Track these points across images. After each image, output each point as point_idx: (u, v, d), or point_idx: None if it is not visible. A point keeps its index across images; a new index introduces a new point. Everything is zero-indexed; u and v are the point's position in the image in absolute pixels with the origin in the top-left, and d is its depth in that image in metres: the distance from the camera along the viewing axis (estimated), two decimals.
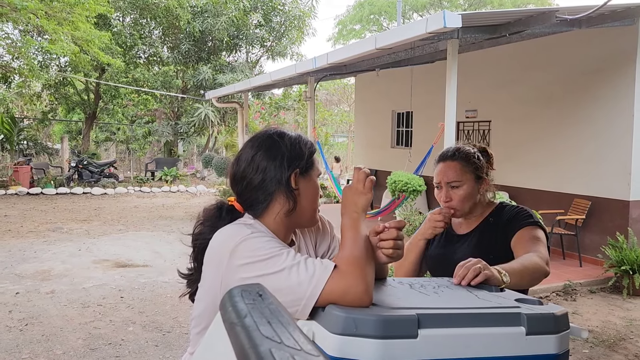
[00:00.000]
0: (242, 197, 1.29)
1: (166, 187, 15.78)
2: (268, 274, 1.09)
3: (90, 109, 18.21)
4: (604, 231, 6.55)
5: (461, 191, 1.82)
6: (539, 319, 1.08)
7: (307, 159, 1.29)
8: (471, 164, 1.83)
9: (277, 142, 1.27)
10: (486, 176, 1.87)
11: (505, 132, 8.12)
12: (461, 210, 1.85)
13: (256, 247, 1.13)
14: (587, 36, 6.67)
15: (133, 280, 6.11)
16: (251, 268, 1.10)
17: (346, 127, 22.94)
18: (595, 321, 4.97)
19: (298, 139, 1.31)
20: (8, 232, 8.90)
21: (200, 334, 1.21)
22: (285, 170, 1.25)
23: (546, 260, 1.65)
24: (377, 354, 0.98)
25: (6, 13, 11.43)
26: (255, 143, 1.29)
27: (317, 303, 1.07)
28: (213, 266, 1.18)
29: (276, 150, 1.26)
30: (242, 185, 1.27)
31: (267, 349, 0.62)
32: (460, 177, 1.82)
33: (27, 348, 4.14)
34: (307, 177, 1.29)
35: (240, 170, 1.28)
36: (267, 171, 1.25)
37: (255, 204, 1.27)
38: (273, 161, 1.25)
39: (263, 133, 1.32)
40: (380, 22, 26.59)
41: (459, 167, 1.83)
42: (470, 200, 1.84)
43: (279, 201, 1.25)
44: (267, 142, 1.28)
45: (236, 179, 1.29)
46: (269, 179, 1.25)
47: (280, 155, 1.26)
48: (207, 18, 16.58)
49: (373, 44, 5.79)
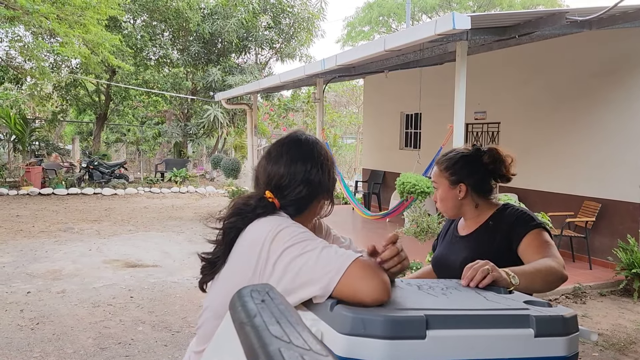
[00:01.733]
0: (284, 199, 1.34)
1: (176, 187, 15.85)
2: (304, 252, 1.14)
3: (100, 110, 18.34)
4: (614, 234, 6.50)
5: (437, 193, 1.94)
6: (548, 321, 1.08)
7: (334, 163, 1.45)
8: (446, 169, 1.90)
9: (319, 150, 1.39)
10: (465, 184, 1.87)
11: (515, 133, 8.08)
12: (444, 211, 1.95)
13: (296, 232, 1.19)
14: (597, 38, 6.62)
15: (143, 280, 6.15)
16: (290, 250, 1.15)
17: (355, 129, 22.91)
18: (605, 324, 4.93)
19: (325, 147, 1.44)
20: (20, 232, 8.99)
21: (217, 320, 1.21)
22: (331, 182, 1.39)
23: (562, 264, 1.64)
24: (385, 354, 0.98)
25: (18, 16, 11.55)
26: (298, 153, 1.37)
27: (340, 283, 1.09)
28: (250, 255, 1.20)
29: (319, 158, 1.38)
30: (287, 190, 1.34)
31: (277, 348, 0.63)
32: (437, 180, 1.94)
33: (38, 347, 4.18)
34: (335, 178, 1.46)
35: (288, 177, 1.34)
36: (318, 184, 1.35)
37: (295, 206, 1.35)
38: (323, 174, 1.37)
39: (302, 142, 1.40)
40: (389, 24, 26.54)
41: (437, 171, 1.94)
42: (448, 204, 1.92)
43: (317, 206, 1.39)
44: (310, 150, 1.38)
45: (281, 184, 1.34)
46: (319, 190, 1.36)
47: (325, 167, 1.38)
48: (217, 20, 16.64)
49: (382, 46, 5.78)
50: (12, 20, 11.91)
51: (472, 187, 1.88)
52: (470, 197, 1.89)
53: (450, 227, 2.05)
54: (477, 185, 1.89)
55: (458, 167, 1.88)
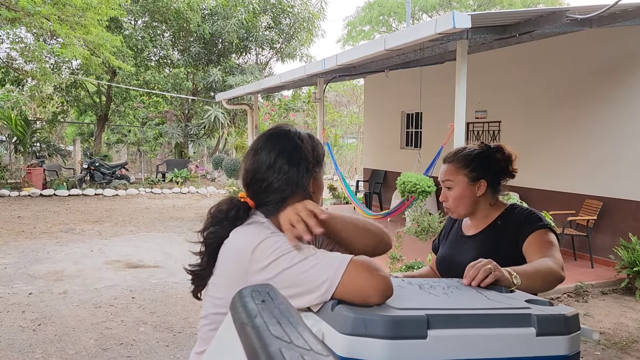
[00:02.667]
0: (257, 196, 1.30)
1: (177, 188, 15.86)
2: (295, 264, 1.11)
3: (101, 111, 18.36)
4: (615, 232, 6.49)
5: (453, 192, 1.87)
6: (550, 319, 1.08)
7: (322, 160, 1.34)
8: (465, 165, 1.85)
9: (300, 146, 1.30)
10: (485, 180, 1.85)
11: (516, 132, 8.07)
12: (455, 210, 1.88)
13: (279, 243, 1.16)
14: (598, 36, 6.61)
15: (144, 281, 6.15)
16: (276, 264, 1.12)
17: (355, 129, 22.91)
18: (607, 323, 4.92)
19: (315, 142, 1.34)
20: (21, 233, 9.00)
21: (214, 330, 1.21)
22: (305, 175, 1.28)
23: (561, 265, 1.64)
24: (386, 354, 0.98)
25: (20, 18, 11.56)
26: (276, 145, 1.29)
27: (341, 287, 1.08)
28: (234, 268, 1.18)
29: (298, 155, 1.29)
30: (260, 186, 1.28)
31: (277, 348, 0.63)
32: (453, 178, 1.87)
33: (40, 348, 4.18)
34: (318, 177, 1.35)
35: (260, 171, 1.28)
36: (289, 175, 1.27)
37: (271, 204, 1.29)
38: (296, 167, 1.27)
39: (282, 133, 1.32)
40: (390, 23, 26.53)
41: (452, 168, 1.88)
42: (464, 202, 1.86)
43: (294, 202, 1.27)
44: (289, 146, 1.29)
45: (255, 180, 1.29)
46: (291, 183, 1.27)
47: (303, 161, 1.29)
48: (217, 20, 16.65)
49: (382, 45, 5.78)
50: (14, 22, 11.92)
51: (490, 183, 1.87)
52: (487, 194, 1.88)
53: (453, 227, 2.03)
54: (494, 181, 1.88)
55: (476, 163, 1.86)
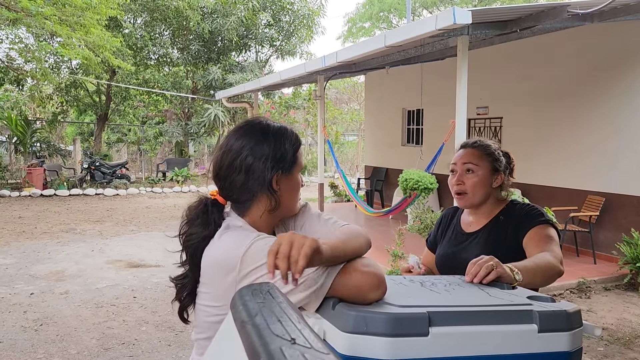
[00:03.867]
0: (225, 194, 1.27)
1: (177, 187, 15.86)
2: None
3: (101, 110, 18.36)
4: (618, 228, 6.48)
5: (475, 177, 1.83)
6: (551, 316, 1.08)
7: (291, 158, 1.26)
8: (490, 154, 1.85)
9: (261, 140, 1.24)
10: (503, 174, 1.87)
11: (517, 128, 8.05)
12: (471, 197, 1.85)
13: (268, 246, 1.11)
14: (599, 31, 6.59)
15: (145, 281, 6.15)
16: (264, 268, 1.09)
17: (356, 126, 22.90)
18: (610, 319, 4.92)
19: (283, 136, 1.26)
20: (22, 234, 9.01)
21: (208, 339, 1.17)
22: (268, 172, 1.22)
23: (560, 260, 1.64)
24: (388, 352, 0.98)
25: (21, 18, 11.56)
26: (239, 139, 1.25)
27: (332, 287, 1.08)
28: (222, 275, 1.15)
29: (260, 151, 1.23)
30: (225, 183, 1.26)
31: (278, 347, 0.62)
32: (477, 162, 1.83)
33: (42, 348, 4.18)
34: (290, 175, 1.27)
35: (224, 167, 1.25)
36: (250, 172, 1.22)
37: (239, 202, 1.27)
38: (258, 162, 1.22)
39: (248, 127, 1.27)
40: (390, 20, 26.48)
41: (478, 153, 1.85)
42: (482, 190, 1.84)
43: (262, 201, 1.24)
44: (252, 141, 1.24)
45: (220, 176, 1.26)
46: (252, 180, 1.22)
47: (264, 156, 1.22)
48: (217, 18, 16.63)
49: (382, 42, 5.76)
50: (15, 22, 11.92)
51: (505, 179, 1.88)
52: (498, 189, 1.88)
53: (450, 224, 2.01)
54: (506, 178, 1.89)
55: (498, 155, 1.86)
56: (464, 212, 1.99)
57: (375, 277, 1.08)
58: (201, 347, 1.25)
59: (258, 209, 1.26)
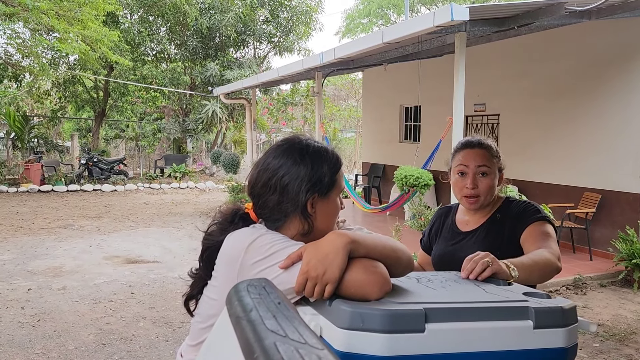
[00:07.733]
0: (258, 211, 1.26)
1: (175, 183, 15.85)
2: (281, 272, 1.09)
3: (99, 106, 18.31)
4: (614, 225, 6.50)
5: (489, 180, 1.81)
6: (547, 312, 1.08)
7: (329, 181, 1.22)
8: (495, 154, 1.85)
9: (298, 161, 1.20)
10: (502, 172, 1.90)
11: (515, 125, 8.06)
12: (484, 200, 1.83)
13: (271, 240, 1.13)
14: (597, 28, 6.59)
15: (143, 276, 6.15)
16: (267, 260, 1.10)
17: (354, 122, 22.89)
18: (605, 315, 4.94)
19: (321, 158, 1.22)
20: (20, 229, 9.00)
21: (206, 329, 1.20)
22: (303, 194, 1.18)
23: (557, 256, 1.64)
24: (384, 348, 0.98)
25: (17, 13, 11.51)
26: (277, 158, 1.22)
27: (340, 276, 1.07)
28: (227, 265, 1.17)
29: (296, 172, 1.19)
30: (258, 201, 1.24)
31: (272, 342, 0.63)
32: (490, 165, 1.82)
33: (39, 343, 4.19)
34: (327, 199, 1.23)
35: (258, 186, 1.23)
36: (284, 193, 1.19)
37: (271, 220, 1.24)
38: (293, 183, 1.18)
39: (287, 146, 1.24)
40: (388, 16, 26.45)
41: (487, 155, 1.82)
42: (493, 191, 1.84)
43: (295, 223, 1.22)
44: (289, 161, 1.20)
45: (253, 194, 1.25)
46: (286, 202, 1.19)
47: (300, 177, 1.18)
48: (214, 14, 16.59)
49: (380, 39, 5.76)
50: (11, 17, 11.86)
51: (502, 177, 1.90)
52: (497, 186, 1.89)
53: (445, 224, 2.00)
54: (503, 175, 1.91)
55: (500, 155, 1.87)
56: (459, 211, 1.98)
57: (380, 275, 1.08)
58: (196, 335, 1.26)
59: (289, 231, 1.22)
